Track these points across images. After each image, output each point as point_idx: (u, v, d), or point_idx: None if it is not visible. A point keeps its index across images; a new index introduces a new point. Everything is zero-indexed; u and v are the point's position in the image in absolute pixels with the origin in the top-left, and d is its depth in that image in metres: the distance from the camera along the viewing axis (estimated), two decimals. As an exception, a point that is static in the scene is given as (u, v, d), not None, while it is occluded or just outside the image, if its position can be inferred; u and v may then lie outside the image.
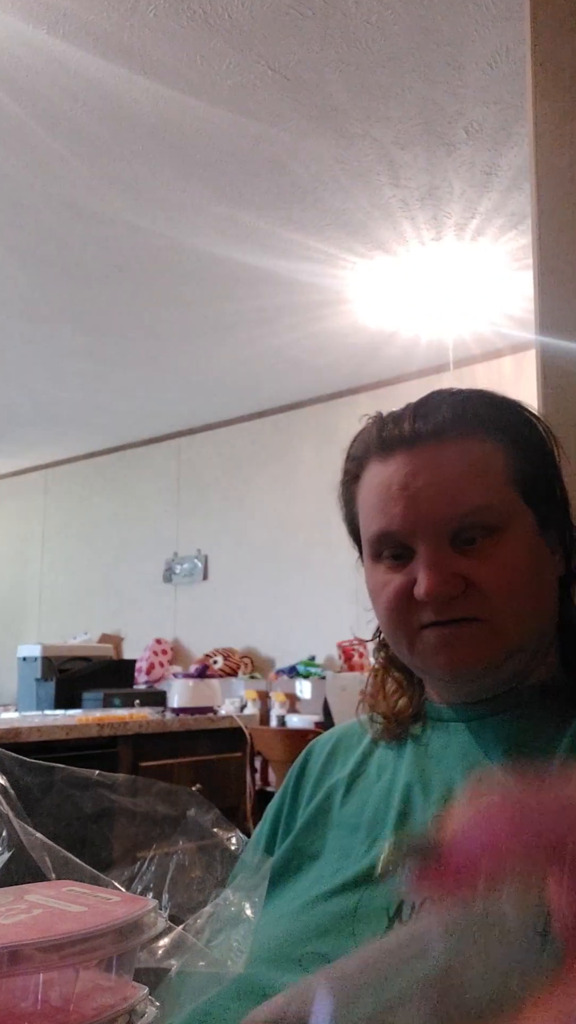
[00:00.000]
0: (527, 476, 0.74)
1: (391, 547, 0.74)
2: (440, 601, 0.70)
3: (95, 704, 3.61)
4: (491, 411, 0.76)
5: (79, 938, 0.41)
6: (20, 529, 7.90)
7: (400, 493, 0.72)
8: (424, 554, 0.71)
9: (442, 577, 0.70)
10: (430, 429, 0.74)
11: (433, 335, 4.76)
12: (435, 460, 0.72)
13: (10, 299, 4.36)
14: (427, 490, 0.72)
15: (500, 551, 0.71)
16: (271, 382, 5.63)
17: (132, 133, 3.01)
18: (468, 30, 2.50)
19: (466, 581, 0.70)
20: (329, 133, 2.99)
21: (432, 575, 0.70)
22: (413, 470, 0.73)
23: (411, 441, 0.74)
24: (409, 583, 0.72)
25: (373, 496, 0.75)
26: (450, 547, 0.71)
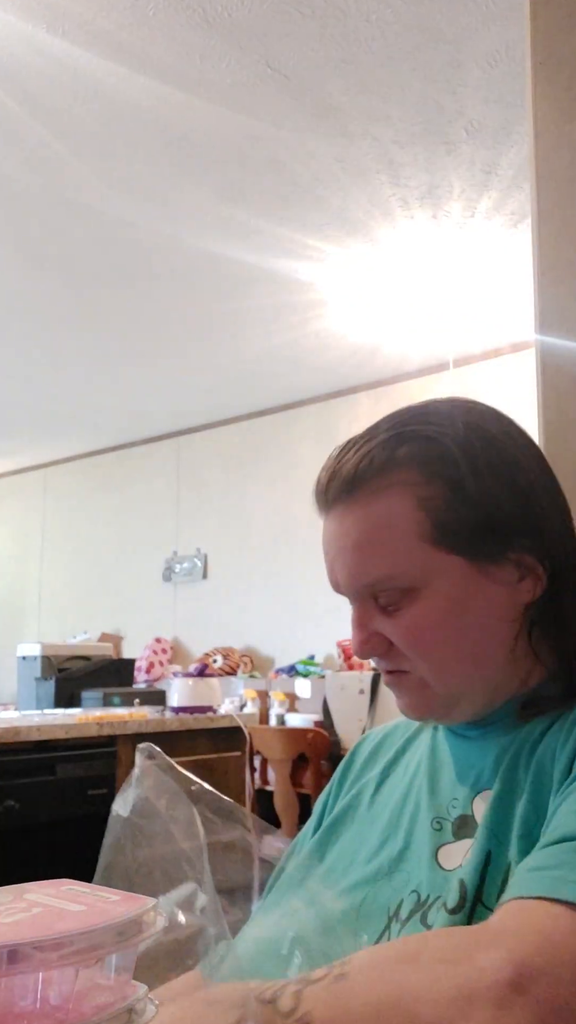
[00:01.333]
0: (448, 520, 0.69)
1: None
2: (364, 658, 0.74)
3: (95, 703, 3.61)
4: (407, 451, 0.71)
5: (78, 937, 0.41)
6: (20, 528, 7.90)
7: (326, 558, 0.76)
8: (352, 614, 0.74)
9: (363, 637, 0.73)
10: (337, 487, 0.74)
11: (432, 334, 4.76)
12: (340, 527, 0.74)
13: (9, 298, 4.36)
14: (339, 557, 0.74)
15: (414, 611, 0.71)
16: (270, 381, 5.63)
17: (131, 132, 3.01)
18: (468, 29, 2.50)
19: (388, 640, 0.72)
20: (329, 132, 2.99)
21: (355, 636, 0.73)
22: (328, 537, 0.76)
23: (328, 503, 0.76)
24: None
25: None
26: (373, 607, 0.73)
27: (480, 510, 0.70)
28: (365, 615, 0.73)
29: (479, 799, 0.71)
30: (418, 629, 0.71)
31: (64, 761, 2.57)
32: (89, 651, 4.43)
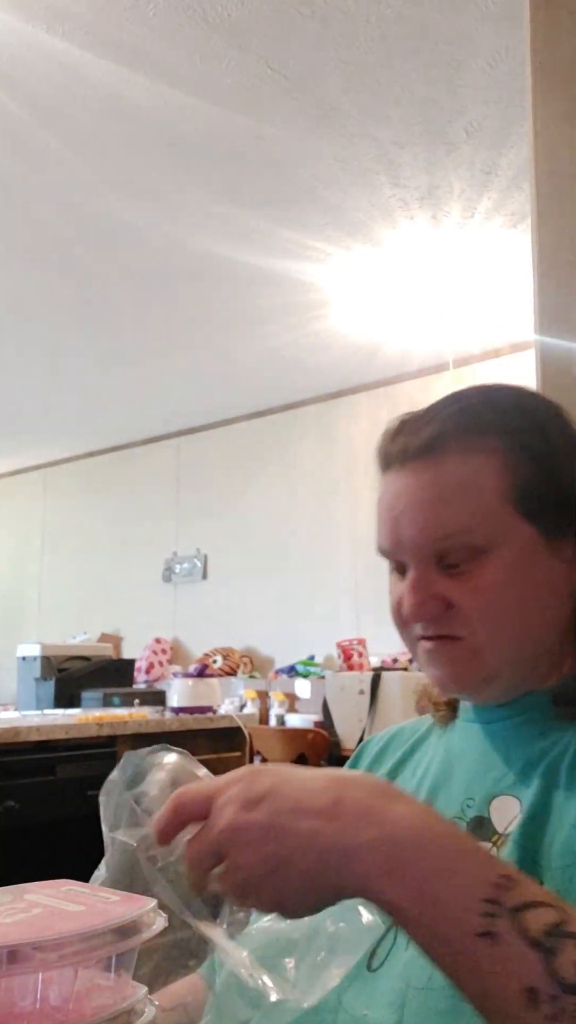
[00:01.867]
0: (530, 488, 0.71)
1: (392, 563, 0.76)
2: (418, 622, 0.72)
3: (94, 703, 3.61)
4: (493, 419, 0.73)
5: (78, 937, 0.41)
6: (19, 528, 7.89)
7: (387, 514, 0.74)
8: (409, 576, 0.72)
9: (420, 599, 0.71)
10: (419, 445, 0.73)
11: (432, 334, 4.76)
12: (418, 481, 0.72)
13: (9, 298, 4.36)
14: (407, 513, 0.72)
15: (484, 572, 0.70)
16: (270, 381, 5.63)
17: (131, 132, 3.01)
18: (468, 29, 2.50)
19: (447, 602, 0.71)
20: (328, 132, 2.99)
21: (411, 597, 0.72)
22: (397, 491, 0.73)
23: (400, 459, 0.74)
24: (400, 596, 0.74)
25: (377, 510, 0.77)
26: (435, 567, 0.72)
27: (561, 485, 0.73)
28: (425, 576, 0.71)
29: (498, 802, 0.70)
30: (489, 590, 0.70)
31: (64, 761, 2.57)
32: (89, 651, 4.44)
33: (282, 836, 0.51)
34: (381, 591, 3.08)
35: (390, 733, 0.89)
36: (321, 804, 0.52)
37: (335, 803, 0.52)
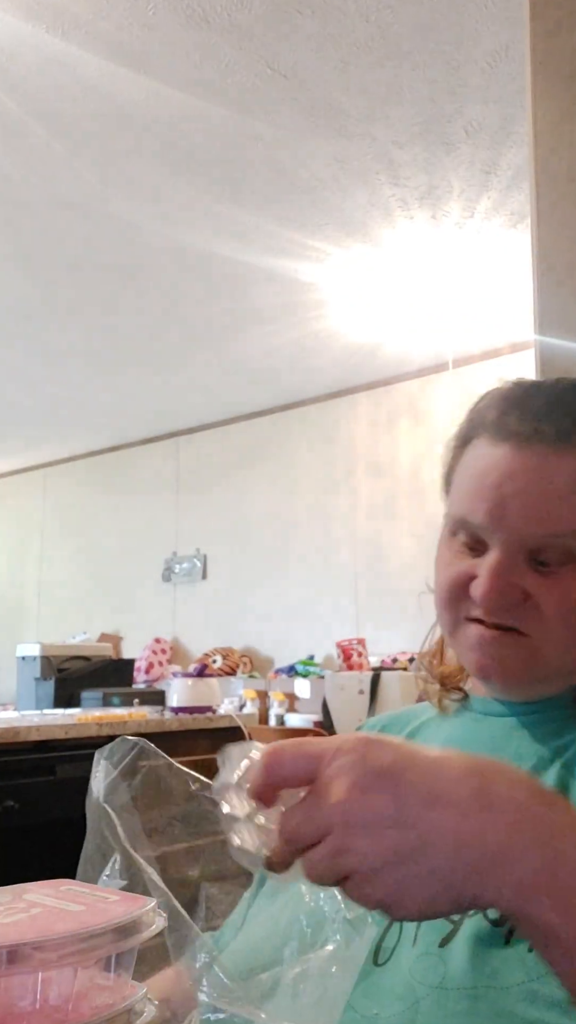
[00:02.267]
0: None
1: (467, 535, 0.71)
2: (490, 607, 0.68)
3: (94, 703, 3.61)
4: None
5: (77, 937, 0.41)
6: (19, 528, 7.90)
7: (492, 490, 0.68)
8: (492, 559, 0.68)
9: (500, 586, 0.67)
10: (551, 432, 0.68)
11: (432, 334, 4.76)
12: (541, 468, 0.67)
13: (8, 298, 4.36)
14: (520, 497, 0.67)
15: (574, 575, 0.67)
16: (270, 381, 5.63)
17: (131, 132, 3.01)
18: (467, 29, 2.50)
19: (525, 595, 0.68)
20: (328, 132, 2.99)
21: (492, 582, 0.67)
22: (512, 471, 0.68)
23: (526, 437, 0.68)
24: (469, 574, 0.70)
25: (469, 477, 0.71)
26: (523, 559, 0.68)
27: None
28: (511, 564, 0.68)
29: None
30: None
31: (63, 761, 2.56)
32: (88, 651, 4.43)
33: (411, 825, 0.45)
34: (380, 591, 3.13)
35: (386, 719, 0.87)
36: (462, 794, 0.46)
37: (478, 795, 0.46)
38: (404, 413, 5.47)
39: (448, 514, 0.74)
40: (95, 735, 2.66)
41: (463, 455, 0.74)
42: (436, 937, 0.62)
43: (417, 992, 0.59)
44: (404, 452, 5.42)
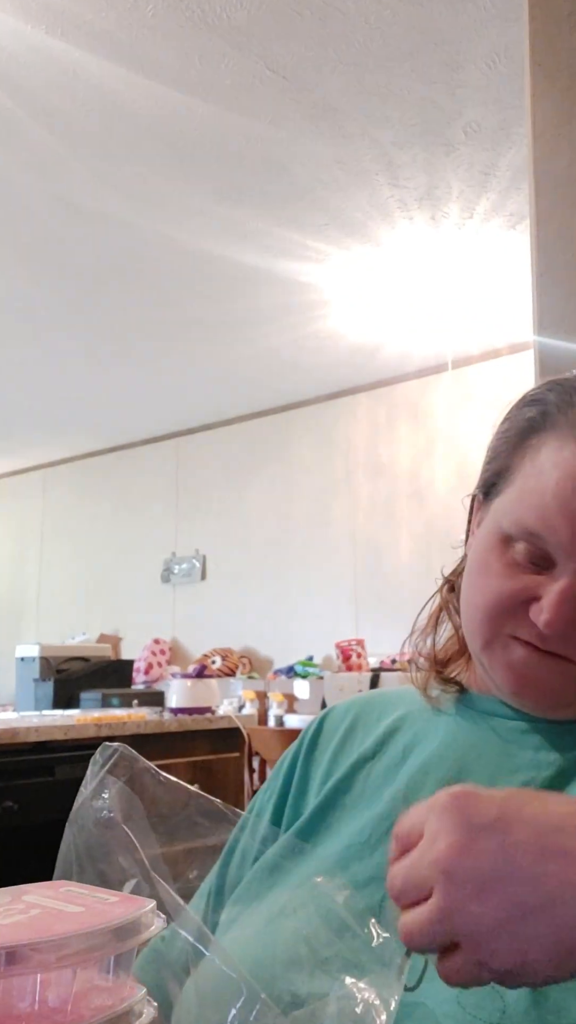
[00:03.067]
0: None
1: (532, 549, 0.64)
2: (554, 637, 0.63)
3: (93, 704, 3.60)
4: None
5: (77, 938, 0.41)
6: (18, 529, 7.90)
7: (573, 498, 0.61)
8: (564, 585, 0.62)
9: (570, 616, 0.62)
10: None
11: (431, 335, 4.76)
12: None
13: (8, 299, 4.36)
14: None
15: None
16: (269, 382, 5.63)
17: (130, 132, 3.01)
18: (467, 30, 2.50)
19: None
20: (327, 133, 2.99)
21: (561, 612, 0.61)
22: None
23: None
24: (529, 593, 0.64)
25: (547, 488, 0.63)
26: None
27: None
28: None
29: None
30: None
31: (63, 762, 2.56)
32: (88, 652, 4.43)
33: (529, 879, 0.42)
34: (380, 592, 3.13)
35: (355, 707, 0.82)
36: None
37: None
38: (404, 414, 5.47)
39: (509, 519, 0.66)
40: (94, 736, 2.66)
41: (528, 453, 0.67)
42: None
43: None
44: (404, 453, 5.42)
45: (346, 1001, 0.50)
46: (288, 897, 0.66)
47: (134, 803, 0.61)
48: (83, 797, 0.62)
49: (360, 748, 0.76)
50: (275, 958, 0.60)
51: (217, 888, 0.75)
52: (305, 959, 0.58)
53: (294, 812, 0.77)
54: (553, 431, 0.65)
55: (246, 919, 0.67)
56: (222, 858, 0.76)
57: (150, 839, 0.58)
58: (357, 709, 0.81)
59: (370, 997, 0.49)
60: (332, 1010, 0.50)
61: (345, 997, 0.50)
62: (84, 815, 0.61)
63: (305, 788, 0.78)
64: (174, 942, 0.55)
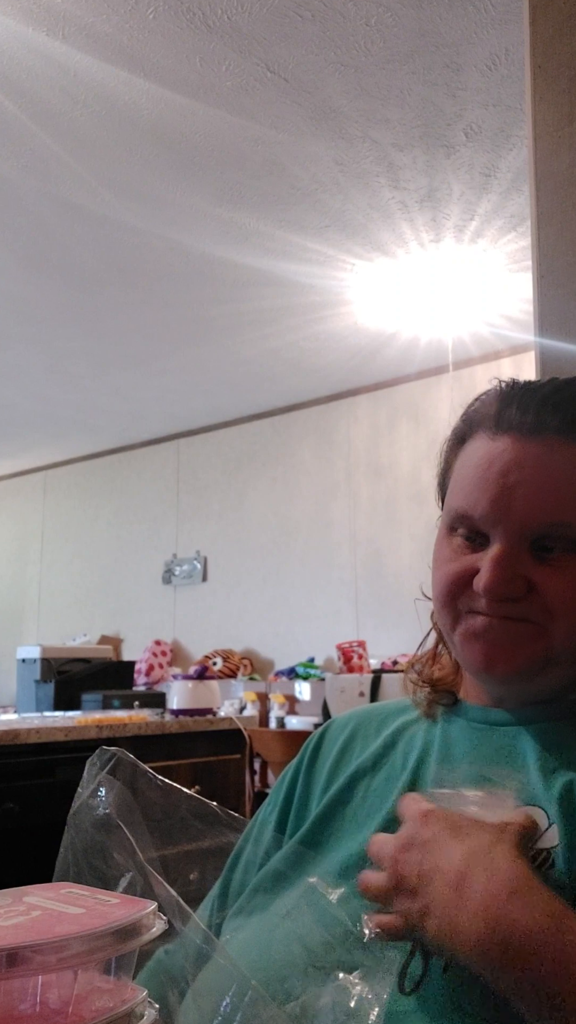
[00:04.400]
0: None
1: (467, 529, 0.71)
2: (496, 599, 0.68)
3: (94, 706, 3.60)
4: None
5: (78, 940, 0.41)
6: (19, 530, 7.90)
7: (495, 480, 0.68)
8: (495, 550, 0.68)
9: (505, 576, 0.67)
10: (554, 422, 0.68)
11: (432, 337, 4.76)
12: (544, 458, 0.67)
13: (9, 300, 4.36)
14: (524, 487, 0.67)
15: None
16: (270, 383, 5.63)
17: (131, 135, 3.01)
18: (467, 32, 2.50)
19: (529, 585, 0.67)
20: (328, 135, 2.99)
21: (497, 572, 0.67)
22: (517, 460, 0.68)
23: (528, 430, 0.68)
24: (471, 569, 0.69)
25: (469, 471, 0.71)
26: (526, 549, 0.68)
27: None
28: (515, 555, 0.67)
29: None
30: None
31: (64, 764, 2.56)
32: (89, 653, 4.43)
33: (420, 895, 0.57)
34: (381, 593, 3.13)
35: (354, 719, 0.84)
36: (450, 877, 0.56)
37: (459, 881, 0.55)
38: (404, 415, 5.47)
39: (446, 511, 0.74)
40: (95, 737, 2.66)
41: (460, 453, 0.74)
42: None
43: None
44: (404, 454, 5.42)
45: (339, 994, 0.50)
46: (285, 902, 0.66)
47: (132, 804, 0.61)
48: (81, 799, 0.62)
49: (359, 759, 0.79)
50: (270, 959, 0.60)
51: (220, 895, 0.77)
52: (299, 959, 0.59)
53: (297, 823, 0.79)
54: (475, 433, 0.73)
55: (248, 927, 0.68)
56: (227, 867, 0.78)
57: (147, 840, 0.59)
58: (356, 721, 0.84)
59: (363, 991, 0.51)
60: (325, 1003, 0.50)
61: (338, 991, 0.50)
62: (82, 816, 0.61)
63: (307, 799, 0.80)
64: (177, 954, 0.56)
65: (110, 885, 0.56)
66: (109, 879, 0.56)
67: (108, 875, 0.57)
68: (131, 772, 0.64)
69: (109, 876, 0.57)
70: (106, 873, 0.57)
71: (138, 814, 0.60)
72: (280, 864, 0.72)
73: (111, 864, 0.57)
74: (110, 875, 0.57)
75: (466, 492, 0.70)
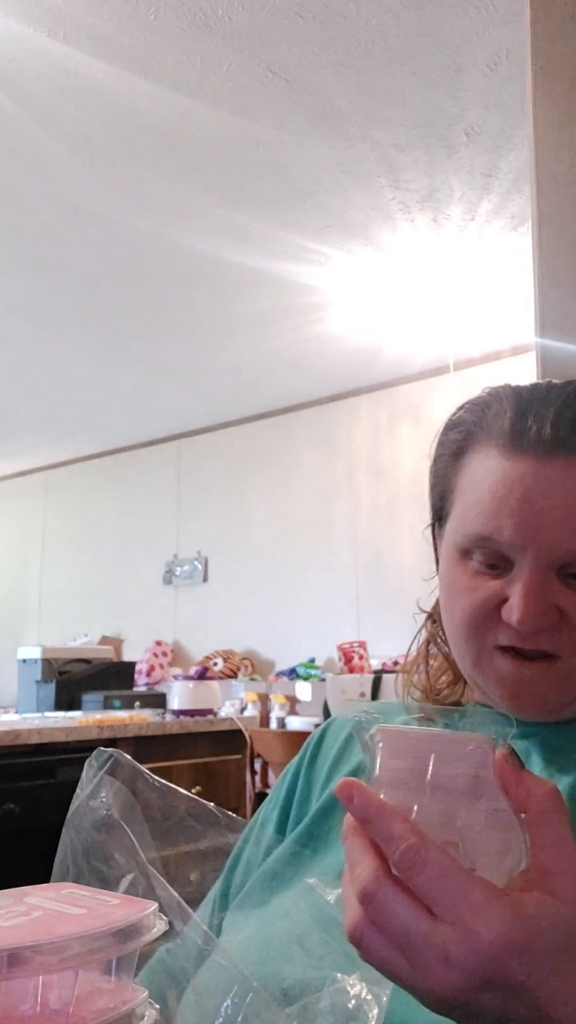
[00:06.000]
0: None
1: (487, 554, 0.67)
2: (530, 631, 0.64)
3: (95, 706, 3.60)
4: None
5: (78, 940, 0.41)
6: (20, 531, 7.90)
7: (518, 506, 0.65)
8: (525, 578, 0.64)
9: (541, 608, 0.64)
10: (573, 443, 0.65)
11: (433, 337, 4.76)
12: (569, 481, 0.64)
13: (10, 301, 4.36)
14: (554, 512, 0.64)
15: None
16: (271, 384, 5.63)
17: (132, 136, 3.01)
18: (468, 33, 2.50)
19: (561, 614, 0.64)
20: (329, 136, 2.99)
21: (531, 603, 0.63)
22: (544, 485, 0.64)
23: (549, 448, 0.65)
24: (498, 598, 0.66)
25: (485, 492, 0.67)
26: (553, 576, 0.65)
27: None
28: (547, 581, 0.64)
29: None
30: None
31: (64, 764, 2.56)
32: (89, 654, 4.43)
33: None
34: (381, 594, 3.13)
35: (353, 720, 0.82)
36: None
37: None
38: (405, 416, 5.47)
39: (458, 533, 0.69)
40: (96, 738, 2.66)
41: (462, 470, 0.71)
42: None
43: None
44: (405, 455, 5.42)
45: (338, 996, 0.50)
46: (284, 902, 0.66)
47: (133, 804, 0.61)
48: (80, 799, 0.62)
49: (359, 756, 0.78)
50: (269, 960, 0.60)
51: (222, 895, 0.77)
52: (298, 959, 0.59)
53: (297, 821, 0.79)
54: (476, 445, 0.69)
55: (246, 925, 0.68)
56: (227, 867, 0.78)
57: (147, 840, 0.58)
58: (357, 720, 0.82)
59: (362, 992, 0.50)
60: (324, 1005, 0.50)
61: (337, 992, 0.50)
62: (81, 817, 0.61)
63: (307, 797, 0.80)
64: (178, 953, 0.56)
65: (111, 886, 0.56)
66: (110, 880, 0.56)
67: (109, 876, 0.57)
68: (129, 773, 0.64)
69: (110, 877, 0.57)
70: (107, 874, 0.57)
71: (139, 814, 0.60)
72: (277, 863, 0.72)
73: (112, 864, 0.57)
74: (111, 876, 0.57)
75: (487, 515, 0.66)
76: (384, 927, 0.43)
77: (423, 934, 0.41)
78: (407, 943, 0.42)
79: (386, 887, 0.43)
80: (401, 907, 0.42)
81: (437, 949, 0.41)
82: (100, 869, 0.58)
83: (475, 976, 0.40)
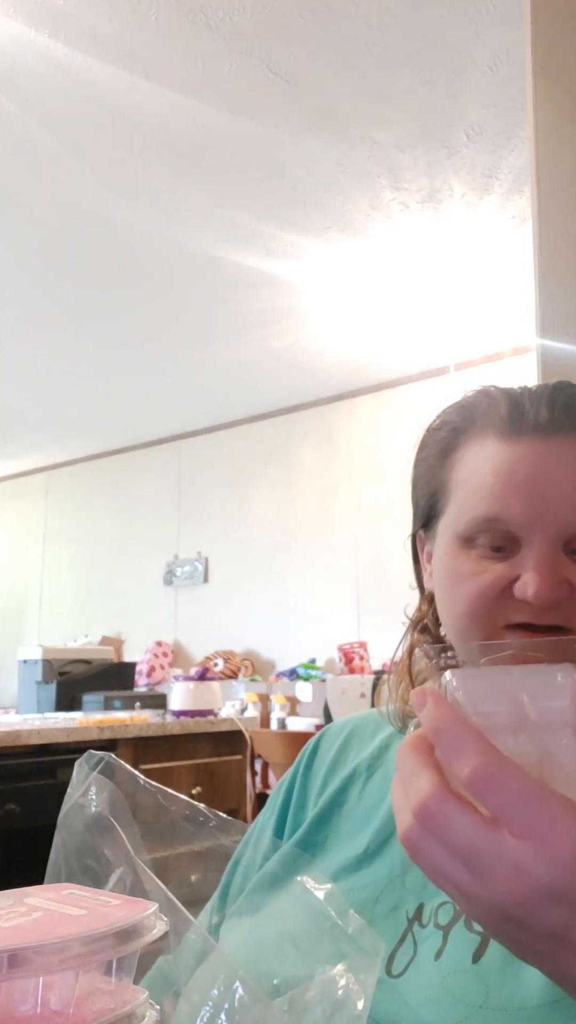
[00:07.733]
0: None
1: (494, 536, 0.68)
2: (545, 605, 0.65)
3: (95, 707, 3.60)
4: None
5: (79, 941, 0.41)
6: (21, 531, 7.90)
7: (527, 484, 0.66)
8: (538, 554, 0.65)
9: (554, 581, 0.65)
10: (568, 423, 0.67)
11: (433, 338, 4.76)
12: (570, 458, 0.66)
13: (11, 302, 4.36)
14: (560, 487, 0.66)
15: None
16: (271, 385, 5.64)
17: (133, 136, 3.01)
18: (468, 33, 2.50)
19: (571, 588, 0.66)
20: (329, 136, 2.99)
21: (545, 578, 0.64)
22: (548, 463, 0.66)
23: (547, 430, 0.67)
24: (509, 578, 0.66)
25: (486, 478, 0.68)
26: (561, 551, 0.66)
27: None
28: (556, 557, 0.65)
29: None
30: None
31: (65, 765, 2.56)
32: (90, 654, 4.43)
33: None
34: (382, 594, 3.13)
35: (350, 725, 0.85)
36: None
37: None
38: (405, 417, 5.47)
39: (461, 521, 0.70)
40: (96, 738, 2.66)
41: (455, 464, 0.72)
42: (467, 951, 0.60)
43: (458, 1012, 0.57)
44: (406, 456, 5.39)
45: (325, 986, 0.50)
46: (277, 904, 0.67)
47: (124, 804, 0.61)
48: (71, 800, 0.62)
49: (355, 761, 0.79)
50: (262, 958, 0.61)
51: (220, 899, 0.78)
52: (289, 957, 0.59)
53: (294, 827, 0.80)
54: (468, 439, 0.71)
55: (240, 928, 0.69)
56: (226, 871, 0.78)
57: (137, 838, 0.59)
58: (352, 725, 0.85)
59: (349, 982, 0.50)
60: (312, 995, 0.50)
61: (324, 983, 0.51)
62: (73, 817, 0.61)
63: (304, 804, 0.81)
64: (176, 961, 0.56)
65: (102, 883, 0.56)
66: (102, 879, 0.56)
67: (101, 875, 0.57)
68: (120, 775, 0.64)
69: (102, 876, 0.57)
70: (99, 873, 0.57)
71: (130, 814, 0.60)
72: (275, 866, 0.72)
73: (103, 862, 0.57)
74: (103, 874, 0.57)
75: (493, 496, 0.67)
76: (446, 841, 0.41)
77: (491, 848, 0.40)
78: (472, 855, 0.40)
79: (448, 803, 0.41)
80: (465, 822, 0.41)
81: (508, 861, 0.40)
82: (91, 867, 0.58)
83: (547, 887, 0.39)
